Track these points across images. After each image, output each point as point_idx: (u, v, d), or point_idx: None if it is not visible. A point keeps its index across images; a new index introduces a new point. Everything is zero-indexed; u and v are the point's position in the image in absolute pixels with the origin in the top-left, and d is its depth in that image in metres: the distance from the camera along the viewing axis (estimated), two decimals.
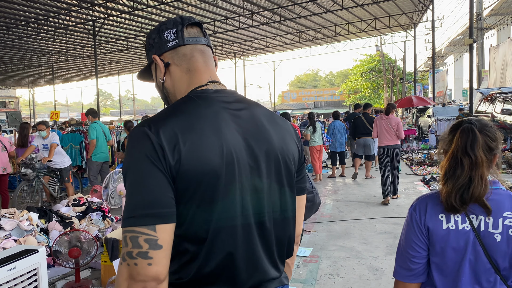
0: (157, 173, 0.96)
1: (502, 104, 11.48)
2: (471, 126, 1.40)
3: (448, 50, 42.60)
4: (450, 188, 1.36)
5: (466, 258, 1.37)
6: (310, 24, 26.68)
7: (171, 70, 1.17)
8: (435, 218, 1.41)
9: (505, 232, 1.33)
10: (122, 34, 26.19)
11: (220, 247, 1.03)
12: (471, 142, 1.37)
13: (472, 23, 15.91)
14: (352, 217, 6.10)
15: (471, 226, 1.36)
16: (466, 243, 1.37)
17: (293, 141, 1.21)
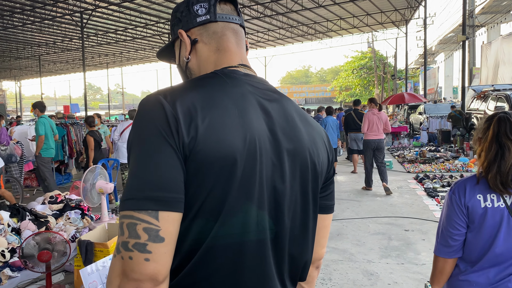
0: (168, 149, 0.80)
1: (495, 102, 11.34)
2: (507, 115, 1.60)
3: (439, 48, 42.66)
4: (499, 170, 1.55)
5: (501, 231, 1.57)
6: (302, 19, 26.45)
7: (198, 48, 1.00)
8: (474, 199, 1.61)
9: None
10: (111, 26, 25.72)
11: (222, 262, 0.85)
12: (510, 128, 1.56)
13: (465, 20, 15.79)
14: (345, 217, 5.88)
15: (505, 204, 1.57)
16: (501, 218, 1.57)
17: (324, 147, 1.04)
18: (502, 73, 17.75)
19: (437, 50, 43.84)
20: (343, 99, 45.60)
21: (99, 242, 3.34)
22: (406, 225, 5.36)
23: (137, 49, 34.81)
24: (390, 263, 4.06)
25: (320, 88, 57.36)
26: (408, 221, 5.55)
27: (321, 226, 1.06)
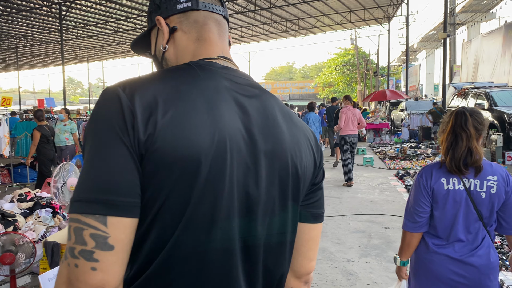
0: (121, 147, 0.71)
1: (475, 99, 11.46)
2: (463, 110, 1.87)
3: (420, 46, 43.16)
4: (453, 156, 1.82)
5: (461, 210, 1.84)
6: (285, 15, 26.37)
7: (176, 37, 0.91)
8: (438, 182, 1.87)
9: (488, 191, 1.81)
10: (91, 19, 25.23)
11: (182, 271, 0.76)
12: (464, 121, 1.83)
13: (447, 17, 15.93)
14: (325, 214, 5.79)
15: (464, 187, 1.83)
16: (460, 199, 1.83)
17: (309, 149, 0.93)
18: (481, 70, 18.00)
19: (419, 48, 44.35)
20: (326, 96, 45.75)
21: (65, 243, 3.18)
22: (387, 222, 5.32)
23: (119, 43, 34.26)
24: (369, 262, 3.99)
25: (303, 84, 57.42)
26: (389, 218, 5.52)
27: (308, 238, 0.96)
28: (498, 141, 9.41)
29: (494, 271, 1.87)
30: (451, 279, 1.85)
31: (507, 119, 9.48)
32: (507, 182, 1.83)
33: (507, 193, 1.82)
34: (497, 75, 16.01)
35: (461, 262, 1.84)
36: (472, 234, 1.85)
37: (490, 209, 1.83)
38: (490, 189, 1.80)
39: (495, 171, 1.84)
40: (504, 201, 1.83)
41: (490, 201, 1.81)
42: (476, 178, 1.83)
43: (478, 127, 1.84)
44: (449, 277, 1.86)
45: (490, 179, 1.81)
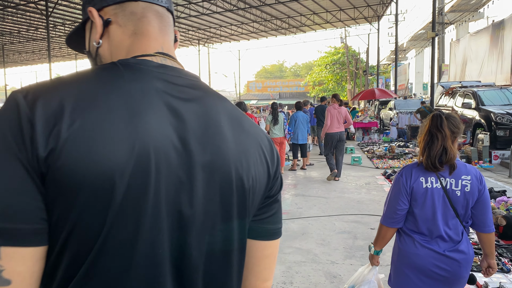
0: (16, 166, 0.61)
1: (463, 98, 11.50)
2: (440, 113, 2.03)
3: (410, 45, 43.40)
4: (429, 154, 1.96)
5: (439, 207, 1.97)
6: (275, 13, 26.31)
7: (111, 31, 0.79)
8: (417, 181, 2.00)
9: (462, 189, 1.95)
10: (79, 16, 24.87)
11: None
12: (440, 123, 1.97)
13: (435, 16, 15.97)
14: (311, 214, 5.75)
15: (441, 185, 1.97)
16: (438, 197, 1.97)
17: (262, 158, 0.81)
18: (469, 70, 18.13)
19: (408, 47, 44.61)
20: (317, 94, 45.80)
21: None
22: (372, 223, 5.28)
23: None
24: (354, 264, 3.94)
25: (294, 83, 57.41)
26: (375, 218, 5.48)
27: (262, 256, 0.86)
28: (485, 140, 9.45)
29: (470, 264, 2.05)
30: (434, 271, 1.99)
31: (494, 118, 9.51)
32: (479, 181, 1.99)
33: (480, 191, 1.97)
34: (484, 74, 16.13)
35: (445, 256, 1.97)
36: (452, 230, 2.00)
37: (465, 206, 1.97)
38: (465, 187, 1.95)
39: (469, 171, 2.00)
40: (477, 199, 1.98)
41: (464, 198, 1.96)
42: (452, 177, 1.98)
43: (453, 130, 2.01)
44: (432, 270, 1.99)
45: (465, 178, 1.96)
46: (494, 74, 15.71)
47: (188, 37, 33.56)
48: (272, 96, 51.99)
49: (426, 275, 2.01)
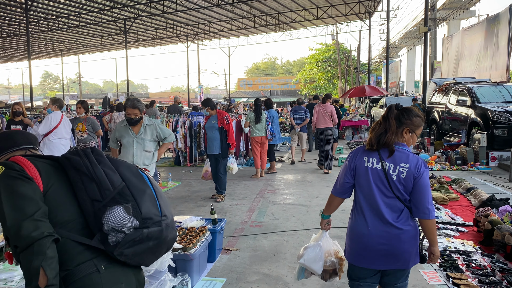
0: None
1: (457, 95, 10.86)
2: (393, 104, 2.34)
3: (401, 42, 42.87)
4: (372, 135, 2.30)
5: (378, 185, 2.23)
6: (265, 9, 25.56)
7: None
8: (361, 159, 2.31)
9: (398, 175, 2.20)
10: (63, 10, 24.00)
11: None
12: (389, 113, 2.30)
13: (427, 10, 15.33)
14: (288, 227, 5.01)
15: (382, 167, 2.23)
16: (376, 176, 2.24)
17: None
18: (463, 66, 17.51)
19: (399, 44, 44.07)
20: (308, 92, 45.15)
21: None
22: None
23: (93, 36, 32.95)
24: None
25: (285, 80, 56.71)
26: None
27: None
28: (482, 140, 8.80)
29: (411, 240, 2.21)
30: (375, 245, 2.20)
31: (492, 116, 8.85)
32: (417, 170, 2.17)
33: (415, 179, 2.16)
34: (479, 71, 15.54)
35: (384, 230, 2.19)
36: (389, 207, 2.20)
37: (402, 190, 2.18)
38: (401, 174, 2.17)
39: (410, 161, 2.19)
40: (413, 187, 2.17)
41: (400, 183, 2.17)
42: (391, 162, 2.20)
43: (404, 121, 2.26)
44: (373, 243, 2.21)
45: (403, 166, 2.18)
46: (489, 70, 15.11)
47: (176, 33, 32.68)
48: (263, 93, 51.21)
49: (369, 248, 2.22)
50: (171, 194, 7.04)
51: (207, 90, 70.46)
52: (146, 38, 34.33)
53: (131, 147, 4.32)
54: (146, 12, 24.52)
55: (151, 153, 4.38)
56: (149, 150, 4.35)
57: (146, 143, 4.32)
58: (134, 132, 4.35)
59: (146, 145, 4.33)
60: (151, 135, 4.36)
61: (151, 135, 4.35)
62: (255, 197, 6.65)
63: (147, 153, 4.34)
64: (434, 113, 12.28)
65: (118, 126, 4.46)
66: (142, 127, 4.34)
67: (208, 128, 6.48)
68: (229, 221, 5.28)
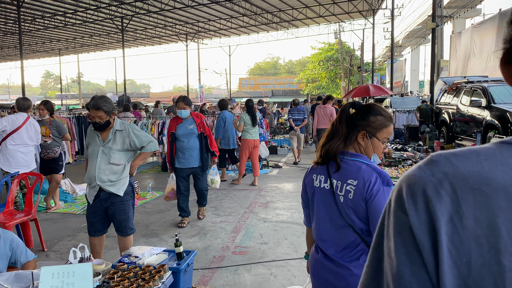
0: None
1: (469, 96, 9.98)
2: (347, 104, 1.80)
3: (405, 42, 41.99)
4: (319, 145, 1.80)
5: (325, 211, 1.74)
6: (266, 6, 24.76)
7: None
8: (310, 177, 1.82)
9: (346, 195, 1.66)
10: (59, 8, 23.29)
11: None
12: (340, 114, 1.76)
13: (436, 5, 14.47)
14: (277, 254, 4.15)
15: (331, 187, 1.71)
16: (324, 199, 1.74)
17: None
18: (472, 65, 16.59)
19: (403, 44, 43.17)
20: (310, 91, 44.32)
21: None
22: None
23: (91, 35, 32.25)
24: None
25: (287, 80, 55.84)
26: None
27: None
28: None
29: None
30: (324, 283, 1.76)
31: (511, 118, 7.97)
32: (367, 189, 1.62)
33: (366, 202, 1.61)
34: (490, 70, 14.63)
35: (332, 270, 1.70)
36: (341, 240, 1.68)
37: (353, 215, 1.65)
38: (348, 194, 1.66)
39: (359, 175, 1.65)
40: (366, 210, 1.62)
41: (348, 207, 1.65)
42: (339, 179, 1.71)
43: (356, 122, 1.74)
44: (322, 281, 1.76)
45: (351, 182, 1.66)
46: None
47: (175, 31, 31.93)
48: (264, 93, 50.38)
49: (320, 285, 1.79)
50: (149, 207, 6.21)
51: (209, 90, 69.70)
52: (145, 37, 33.64)
53: (95, 158, 3.48)
54: (143, 10, 23.79)
55: (121, 166, 3.51)
56: (116, 163, 3.48)
57: (112, 153, 3.46)
58: (102, 139, 3.50)
59: (112, 156, 3.46)
60: (122, 143, 3.49)
61: (121, 143, 3.49)
62: (243, 212, 5.80)
63: (114, 166, 3.48)
64: (443, 115, 11.40)
65: (88, 130, 3.62)
66: (111, 133, 3.47)
67: (182, 135, 5.14)
68: (208, 246, 4.44)
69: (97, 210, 3.54)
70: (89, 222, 3.62)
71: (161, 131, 9.02)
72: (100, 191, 3.49)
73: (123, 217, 3.55)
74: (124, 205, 3.53)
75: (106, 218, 3.61)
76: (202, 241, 4.61)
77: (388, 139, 1.82)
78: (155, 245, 4.50)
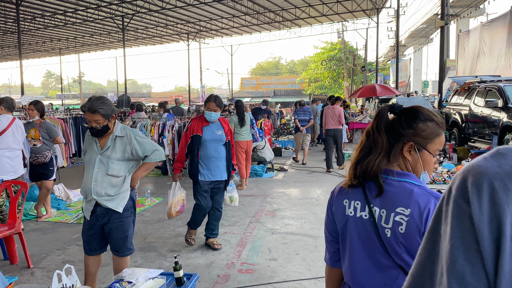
0: None
1: (483, 96, 9.53)
2: (385, 107, 1.39)
3: (408, 42, 41.58)
4: (352, 160, 1.40)
5: (363, 249, 1.34)
6: (268, 5, 24.36)
7: None
8: (339, 203, 1.41)
9: (394, 228, 1.26)
10: (59, 7, 22.96)
11: None
12: (376, 121, 1.37)
13: (444, 3, 14.01)
14: (289, 274, 3.72)
15: (371, 216, 1.31)
16: (362, 233, 1.34)
17: None
18: (482, 64, 16.13)
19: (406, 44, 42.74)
20: (312, 91, 43.89)
21: None
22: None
23: (92, 34, 31.89)
24: None
25: (289, 80, 55.37)
26: None
27: None
28: None
29: None
30: None
31: None
32: (425, 219, 1.22)
33: (423, 233, 1.12)
34: (501, 69, 14.16)
35: None
36: (391, 286, 1.28)
37: (404, 254, 1.25)
38: (398, 226, 1.25)
39: (412, 201, 1.25)
40: None
41: (398, 242, 1.25)
42: (382, 206, 1.30)
43: (400, 130, 1.34)
44: None
45: (401, 212, 1.26)
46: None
47: (177, 31, 31.55)
48: (266, 93, 49.95)
49: None
50: (147, 216, 5.78)
51: (210, 90, 69.32)
52: (146, 36, 33.29)
53: (92, 168, 3.01)
54: (144, 9, 23.44)
55: (120, 178, 3.03)
56: (115, 174, 3.00)
57: (111, 163, 2.98)
58: (100, 146, 3.04)
59: (111, 167, 2.98)
60: (122, 152, 3.01)
61: (122, 152, 3.01)
62: (249, 221, 5.36)
63: (113, 178, 3.00)
64: (455, 115, 10.96)
65: (86, 134, 3.15)
66: (110, 140, 3.01)
67: (210, 141, 4.27)
68: (211, 262, 4.01)
69: (93, 227, 3.07)
70: (84, 240, 3.15)
71: (162, 132, 8.60)
72: (97, 206, 3.03)
73: (121, 236, 3.08)
74: (123, 223, 3.06)
75: (104, 236, 3.15)
76: (204, 256, 4.18)
77: (440, 151, 1.42)
78: (152, 260, 4.08)
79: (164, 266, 3.93)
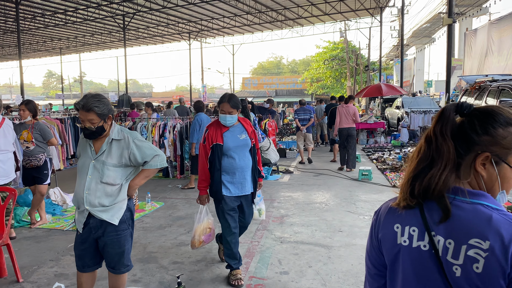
0: None
1: (496, 96, 9.20)
2: (449, 107, 1.07)
3: (410, 42, 41.27)
4: (406, 174, 1.09)
5: (424, 283, 1.03)
6: (270, 4, 24.08)
7: None
8: (389, 229, 1.11)
9: (466, 265, 0.95)
10: (59, 6, 22.68)
11: None
12: (439, 124, 1.06)
13: (452, 1, 13.67)
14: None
15: (432, 246, 1.01)
16: (421, 265, 1.03)
17: None
18: (490, 63, 15.80)
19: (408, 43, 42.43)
20: (314, 91, 43.55)
21: None
22: None
23: (93, 34, 31.63)
24: None
25: (291, 79, 55.02)
26: None
27: None
28: None
29: None
30: None
31: None
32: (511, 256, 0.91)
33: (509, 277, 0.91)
34: (510, 68, 13.85)
35: None
36: None
37: None
38: (473, 263, 0.94)
39: (492, 231, 0.93)
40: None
41: (472, 285, 0.93)
42: (448, 236, 0.98)
43: (473, 136, 1.02)
44: None
45: (476, 244, 0.94)
46: None
47: (178, 30, 31.26)
48: (268, 93, 49.62)
49: None
50: (147, 222, 5.46)
51: (211, 89, 69.00)
52: (147, 36, 33.03)
53: (85, 175, 2.66)
54: (145, 8, 23.15)
55: (116, 186, 2.69)
56: (110, 182, 2.66)
57: (106, 170, 2.65)
58: (94, 150, 2.70)
59: (106, 174, 2.64)
60: (119, 157, 2.69)
61: (118, 157, 2.68)
62: (256, 228, 5.02)
63: (108, 186, 2.66)
64: None
65: (80, 137, 2.79)
66: (106, 144, 2.68)
67: (234, 149, 3.51)
68: (217, 276, 3.67)
69: (86, 240, 2.72)
70: (77, 255, 2.78)
71: (163, 133, 8.28)
72: (90, 218, 2.68)
73: (117, 251, 2.73)
74: (119, 236, 2.70)
75: (98, 250, 2.79)
76: (209, 269, 3.85)
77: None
78: (153, 274, 3.76)
79: (165, 279, 3.61)
